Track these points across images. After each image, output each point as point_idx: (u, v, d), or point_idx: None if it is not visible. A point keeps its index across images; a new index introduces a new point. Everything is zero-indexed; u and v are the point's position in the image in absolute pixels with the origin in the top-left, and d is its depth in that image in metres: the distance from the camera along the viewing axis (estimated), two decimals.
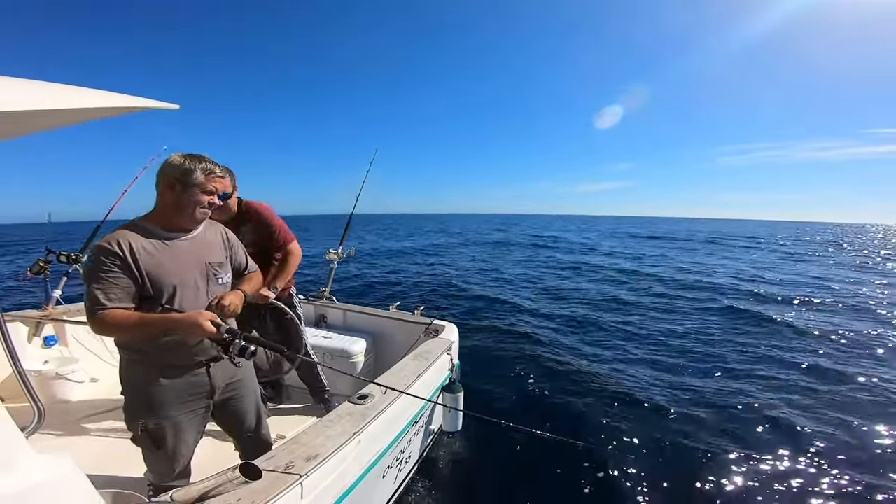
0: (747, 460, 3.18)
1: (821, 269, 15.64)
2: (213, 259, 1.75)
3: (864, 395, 4.41)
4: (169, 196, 1.61)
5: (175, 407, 1.65)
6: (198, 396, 1.71)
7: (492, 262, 16.24)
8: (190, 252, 1.68)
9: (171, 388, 1.63)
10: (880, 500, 2.79)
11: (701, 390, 4.46)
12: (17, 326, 3.10)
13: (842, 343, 6.19)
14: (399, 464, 2.34)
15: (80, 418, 2.75)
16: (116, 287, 1.48)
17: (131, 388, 1.64)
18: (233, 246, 1.90)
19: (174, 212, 1.63)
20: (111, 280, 1.47)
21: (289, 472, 1.45)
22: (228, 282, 1.82)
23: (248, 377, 1.94)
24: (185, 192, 1.60)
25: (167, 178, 1.60)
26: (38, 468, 0.92)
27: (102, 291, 1.45)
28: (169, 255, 1.60)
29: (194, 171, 1.60)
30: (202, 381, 1.70)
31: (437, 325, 3.35)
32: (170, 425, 1.65)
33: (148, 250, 1.55)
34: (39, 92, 1.23)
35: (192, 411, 1.71)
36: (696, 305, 8.65)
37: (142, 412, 1.63)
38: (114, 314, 1.45)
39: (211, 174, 1.64)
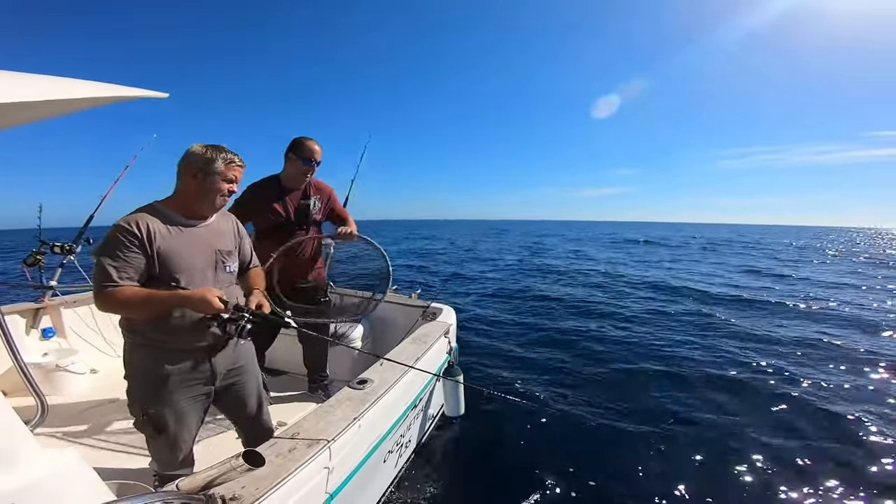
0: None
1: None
2: (224, 247, 1.83)
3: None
4: (191, 184, 1.68)
5: (177, 392, 1.68)
6: (199, 382, 1.74)
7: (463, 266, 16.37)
8: (203, 238, 1.75)
9: (174, 373, 1.66)
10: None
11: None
12: (15, 319, 3.09)
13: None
14: (399, 448, 2.37)
15: (82, 410, 2.76)
16: (129, 265, 1.54)
17: (135, 373, 1.68)
18: (242, 238, 1.97)
19: (195, 199, 1.71)
20: (125, 258, 1.53)
21: (291, 459, 1.47)
22: (235, 270, 1.90)
23: (250, 363, 1.97)
24: (206, 180, 1.68)
25: (190, 167, 1.67)
26: (43, 461, 0.93)
27: (115, 268, 1.51)
28: (184, 240, 1.68)
29: (215, 161, 1.67)
30: (204, 366, 1.73)
31: (434, 307, 3.36)
32: (171, 411, 1.67)
33: (163, 234, 1.62)
34: (27, 83, 1.21)
35: (193, 397, 1.73)
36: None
37: (144, 397, 1.66)
38: (123, 290, 1.50)
39: (231, 163, 1.71)
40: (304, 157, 2.68)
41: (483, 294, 9.93)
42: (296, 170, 2.72)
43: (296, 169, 2.72)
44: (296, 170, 2.72)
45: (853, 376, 4.76)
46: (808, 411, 3.86)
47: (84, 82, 1.35)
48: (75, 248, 3.42)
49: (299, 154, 2.68)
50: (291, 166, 2.72)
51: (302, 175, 2.75)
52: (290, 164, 2.72)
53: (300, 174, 2.74)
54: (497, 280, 12.20)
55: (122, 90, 1.44)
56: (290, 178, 2.76)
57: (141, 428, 1.71)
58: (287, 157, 2.73)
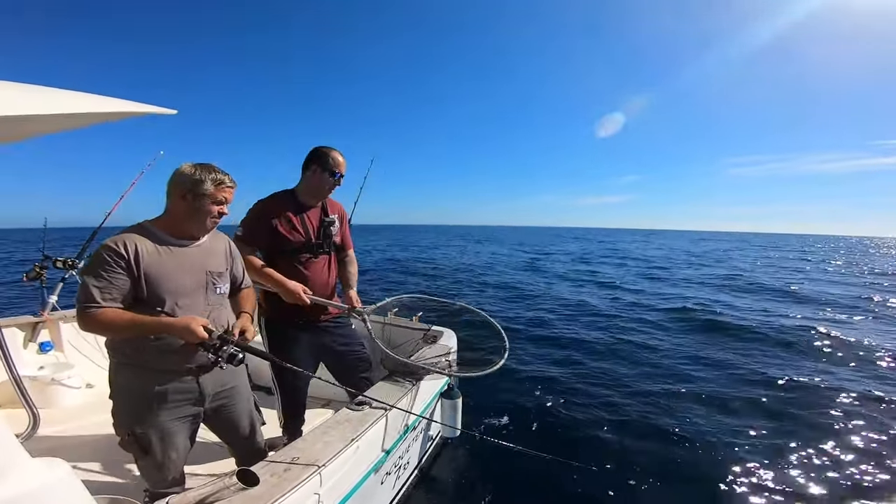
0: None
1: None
2: (215, 268, 1.79)
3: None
4: (180, 205, 1.65)
5: (163, 412, 1.64)
6: (186, 403, 1.70)
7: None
8: (194, 259, 1.71)
9: (161, 393, 1.62)
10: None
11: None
12: (13, 332, 3.09)
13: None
14: (398, 470, 2.33)
15: (75, 424, 2.72)
16: (114, 287, 1.50)
17: (121, 393, 1.65)
18: (234, 258, 1.94)
19: (185, 220, 1.67)
20: (109, 278, 1.49)
21: (286, 479, 1.44)
22: (226, 292, 1.85)
23: (241, 385, 1.94)
24: (195, 201, 1.64)
25: (178, 188, 1.63)
26: (33, 474, 0.91)
27: (99, 289, 1.48)
28: (174, 261, 1.64)
29: (204, 182, 1.63)
30: (191, 387, 1.70)
31: (435, 330, 3.34)
32: (156, 431, 1.64)
33: (152, 255, 1.58)
34: (38, 96, 1.23)
35: (179, 418, 1.70)
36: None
37: (130, 417, 1.64)
38: (105, 313, 1.47)
39: (221, 184, 1.66)
40: (330, 170, 2.38)
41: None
42: (320, 183, 2.41)
43: (320, 182, 2.40)
44: (320, 183, 2.41)
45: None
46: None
47: (95, 97, 1.38)
48: (78, 263, 3.44)
49: (325, 166, 2.37)
50: (314, 179, 2.40)
51: (326, 190, 2.46)
52: (313, 176, 2.39)
53: (324, 189, 2.45)
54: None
55: (130, 106, 1.46)
56: (311, 192, 2.44)
57: (127, 448, 1.68)
58: (308, 169, 2.40)
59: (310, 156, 2.41)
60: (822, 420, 3.99)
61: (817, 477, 3.08)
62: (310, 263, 2.44)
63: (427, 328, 3.40)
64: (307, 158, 2.42)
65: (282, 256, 2.38)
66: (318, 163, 2.37)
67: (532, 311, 9.01)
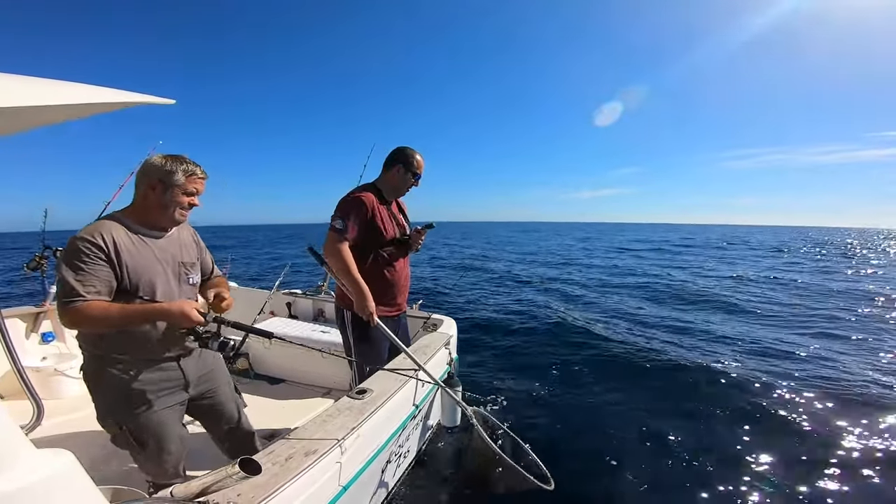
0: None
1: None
2: (187, 259, 1.78)
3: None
4: (151, 196, 1.62)
5: (154, 402, 1.64)
6: (173, 390, 1.71)
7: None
8: (166, 251, 1.69)
9: (147, 382, 1.62)
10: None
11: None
12: (15, 322, 3.10)
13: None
14: (398, 458, 2.35)
15: (79, 414, 2.75)
16: (96, 279, 1.45)
17: (104, 388, 1.61)
18: (202, 248, 1.93)
19: (155, 211, 1.64)
20: (91, 271, 1.44)
21: (288, 467, 1.46)
22: (198, 283, 1.85)
23: (220, 368, 1.96)
24: (165, 193, 1.61)
25: (148, 179, 1.60)
26: (38, 464, 0.92)
27: (80, 282, 1.42)
28: (148, 253, 1.62)
29: (175, 173, 1.60)
30: (176, 374, 1.71)
31: (435, 318, 3.36)
32: (148, 422, 1.63)
33: (129, 246, 1.55)
34: (35, 87, 1.22)
35: (169, 407, 1.70)
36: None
37: (119, 412, 1.62)
38: (91, 305, 1.42)
39: (192, 175, 1.64)
40: (413, 171, 2.51)
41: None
42: (402, 183, 2.55)
43: (403, 182, 2.54)
44: (402, 183, 2.55)
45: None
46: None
47: (92, 87, 1.37)
48: None
49: (409, 167, 2.50)
50: (397, 178, 2.52)
51: (406, 189, 2.59)
52: (397, 175, 2.51)
53: (404, 188, 2.58)
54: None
55: (128, 96, 1.45)
56: (393, 190, 2.57)
57: (120, 443, 1.67)
58: (392, 168, 2.51)
59: (395, 155, 2.51)
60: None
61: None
62: (398, 258, 2.56)
63: (427, 316, 3.42)
64: (392, 157, 2.52)
65: (375, 251, 2.47)
66: (404, 163, 2.49)
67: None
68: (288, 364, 3.52)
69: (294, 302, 4.16)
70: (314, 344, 3.35)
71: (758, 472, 2.97)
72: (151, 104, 1.55)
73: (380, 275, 2.48)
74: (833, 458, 3.17)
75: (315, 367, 3.40)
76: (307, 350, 3.38)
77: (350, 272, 2.30)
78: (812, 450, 3.27)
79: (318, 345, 3.33)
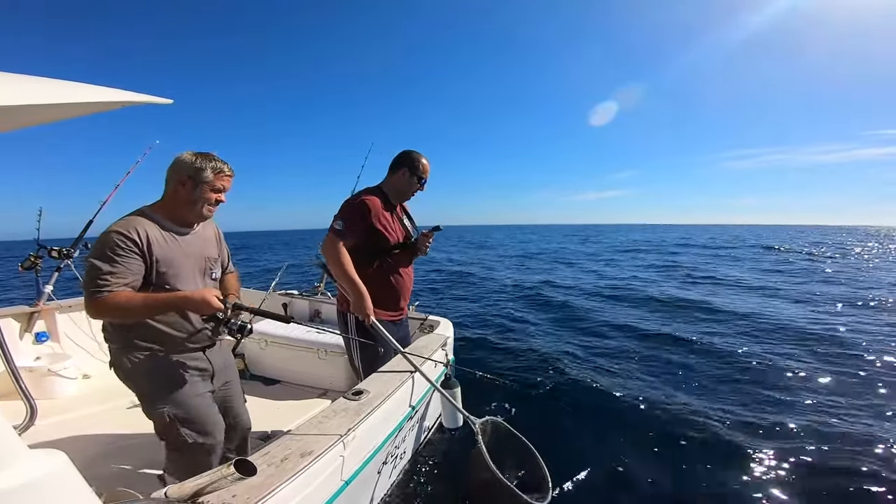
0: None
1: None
2: (211, 255, 1.85)
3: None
4: (180, 192, 1.67)
5: (195, 385, 1.72)
6: (205, 379, 1.79)
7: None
8: (195, 246, 1.76)
9: (185, 368, 1.70)
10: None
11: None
12: (9, 322, 3.08)
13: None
14: (394, 460, 2.34)
15: (72, 415, 2.73)
16: (128, 271, 1.50)
17: (145, 376, 1.65)
18: (222, 244, 2.00)
19: (183, 207, 1.70)
20: (124, 263, 1.50)
21: (283, 468, 1.45)
22: (219, 277, 1.93)
23: (232, 362, 2.06)
24: (195, 189, 1.67)
25: (179, 175, 1.66)
26: (31, 465, 0.91)
27: (112, 274, 1.47)
28: (178, 248, 1.68)
29: (205, 170, 1.66)
30: (204, 364, 1.78)
31: (432, 320, 3.36)
32: (196, 405, 1.70)
33: (160, 241, 1.61)
34: (31, 86, 1.21)
35: (208, 392, 1.79)
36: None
37: (166, 396, 1.66)
38: (118, 295, 1.46)
39: (220, 173, 1.70)
40: (419, 176, 2.49)
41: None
42: (408, 187, 2.52)
43: (408, 186, 2.51)
44: (408, 187, 2.52)
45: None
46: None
47: (88, 86, 1.36)
48: (73, 252, 3.42)
49: (415, 171, 2.47)
50: (403, 182, 2.49)
51: (411, 193, 2.56)
52: (402, 179, 2.48)
53: (410, 192, 2.55)
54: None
55: (127, 95, 1.45)
56: (398, 194, 2.54)
57: (169, 434, 1.69)
58: (398, 171, 2.48)
59: (401, 158, 2.49)
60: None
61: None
62: (403, 263, 2.53)
63: (424, 317, 3.42)
64: (398, 160, 2.49)
65: (381, 256, 2.44)
66: (409, 166, 2.46)
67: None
68: (284, 365, 3.51)
69: (290, 303, 4.15)
70: (311, 345, 3.35)
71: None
72: (149, 104, 1.55)
73: (385, 280, 2.46)
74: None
75: (311, 367, 3.39)
76: (303, 351, 3.39)
77: (347, 272, 2.27)
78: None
79: (314, 346, 3.33)
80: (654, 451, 3.25)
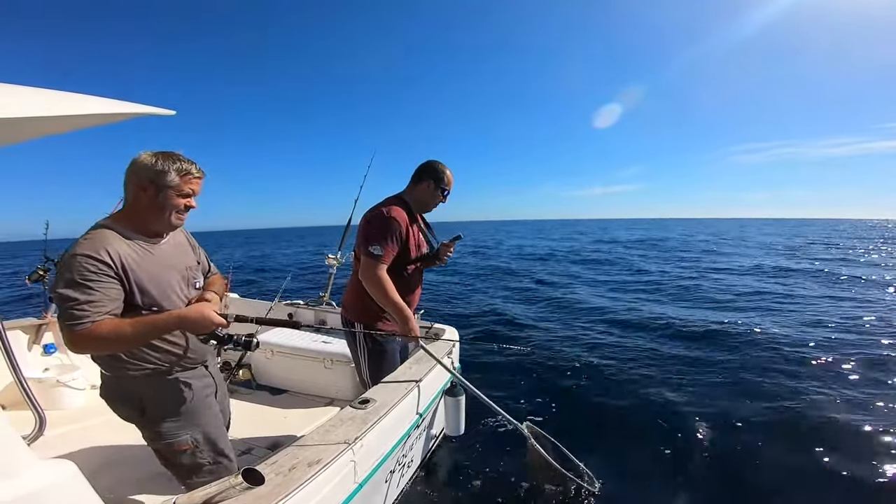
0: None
1: None
2: (190, 263, 1.69)
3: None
4: (142, 199, 1.46)
5: (210, 406, 1.67)
6: (211, 395, 1.73)
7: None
8: (172, 257, 1.59)
9: (197, 388, 1.62)
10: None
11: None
12: (17, 334, 3.10)
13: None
14: (401, 468, 2.33)
15: (81, 425, 2.74)
16: (107, 297, 1.30)
17: (158, 403, 1.54)
18: (198, 248, 1.82)
19: (148, 216, 1.49)
20: (100, 290, 1.29)
21: (291, 478, 1.45)
22: (202, 286, 1.75)
23: (220, 375, 1.97)
24: (158, 195, 1.45)
25: (138, 180, 1.44)
26: (41, 475, 0.92)
27: (90, 303, 1.26)
28: (154, 262, 1.49)
29: (168, 173, 1.44)
30: (209, 380, 1.71)
31: (437, 328, 3.34)
32: (213, 426, 1.65)
33: (134, 259, 1.42)
34: (37, 98, 1.23)
35: (217, 412, 1.74)
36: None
37: (184, 421, 1.57)
38: (104, 325, 1.27)
39: (187, 174, 1.48)
40: (442, 188, 2.43)
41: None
42: (431, 199, 2.46)
43: (431, 198, 2.45)
44: (431, 199, 2.46)
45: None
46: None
47: (92, 98, 1.38)
48: None
49: (439, 183, 2.41)
50: (427, 194, 2.43)
51: (433, 205, 2.51)
52: (427, 190, 2.42)
53: (432, 204, 2.49)
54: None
55: (130, 107, 1.45)
56: (421, 205, 2.48)
57: (190, 460, 1.60)
58: (422, 182, 2.42)
59: (425, 169, 2.42)
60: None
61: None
62: (416, 274, 2.52)
63: (429, 325, 3.40)
64: (421, 171, 2.43)
65: (399, 269, 2.37)
66: (434, 178, 2.40)
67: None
68: (290, 374, 3.51)
69: (296, 312, 4.15)
70: (317, 354, 3.34)
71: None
72: (151, 115, 1.55)
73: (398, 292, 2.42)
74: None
75: (317, 377, 3.39)
76: (310, 360, 3.39)
77: (392, 299, 2.23)
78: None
79: (321, 355, 3.33)
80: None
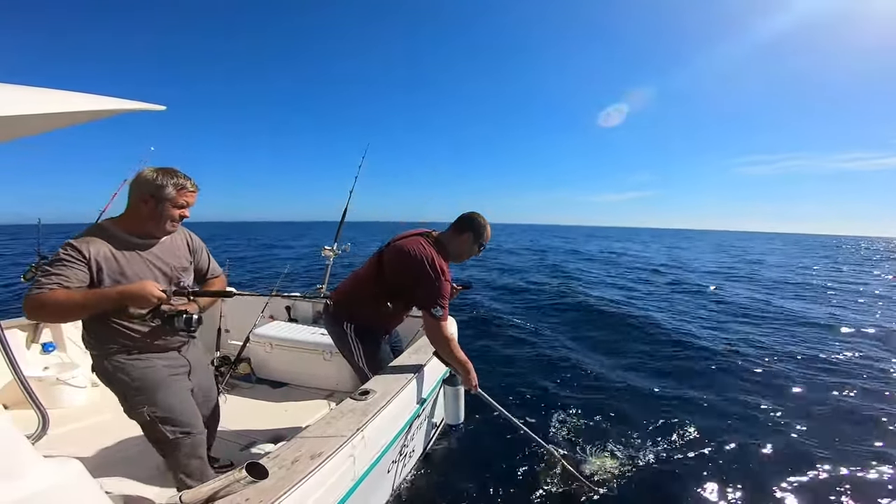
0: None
1: None
2: (179, 264, 1.86)
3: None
4: (143, 209, 1.68)
5: (171, 383, 1.78)
6: (182, 376, 1.86)
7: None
8: (159, 258, 1.77)
9: (160, 367, 1.75)
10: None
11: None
12: (15, 333, 3.08)
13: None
14: (403, 458, 2.35)
15: (83, 423, 2.75)
16: (67, 278, 1.50)
17: (121, 378, 1.69)
18: (196, 251, 2.00)
19: (146, 223, 1.71)
20: (65, 272, 1.50)
21: (294, 471, 1.46)
22: (187, 285, 1.90)
23: (202, 357, 2.11)
24: (157, 206, 1.68)
25: (140, 192, 1.67)
26: (46, 474, 0.92)
27: (47, 276, 1.48)
28: (138, 261, 1.69)
29: (166, 187, 1.66)
30: (181, 361, 1.86)
31: None
32: (173, 400, 1.75)
33: (111, 260, 1.62)
34: (26, 96, 1.22)
35: (185, 388, 1.85)
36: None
37: (141, 396, 1.70)
38: (57, 292, 1.46)
39: (182, 189, 1.71)
40: (480, 243, 2.45)
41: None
42: (468, 251, 2.47)
43: (469, 251, 2.46)
44: (468, 251, 2.47)
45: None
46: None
47: (82, 95, 1.37)
48: None
49: (479, 238, 2.43)
50: (465, 246, 2.44)
51: (468, 258, 2.51)
52: (466, 243, 2.43)
53: (467, 256, 2.49)
54: None
55: (119, 103, 1.46)
56: (457, 256, 2.45)
57: (152, 434, 1.74)
58: (463, 234, 2.42)
59: (469, 223, 2.42)
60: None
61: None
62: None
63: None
64: (464, 223, 2.42)
65: (409, 301, 2.42)
66: (475, 232, 2.41)
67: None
68: (290, 367, 3.52)
69: (293, 305, 4.15)
70: (315, 347, 3.35)
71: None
72: (142, 111, 1.55)
73: (395, 316, 2.51)
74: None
75: (317, 369, 3.40)
76: (309, 352, 3.40)
77: (457, 355, 2.33)
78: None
79: (319, 347, 3.33)
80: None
